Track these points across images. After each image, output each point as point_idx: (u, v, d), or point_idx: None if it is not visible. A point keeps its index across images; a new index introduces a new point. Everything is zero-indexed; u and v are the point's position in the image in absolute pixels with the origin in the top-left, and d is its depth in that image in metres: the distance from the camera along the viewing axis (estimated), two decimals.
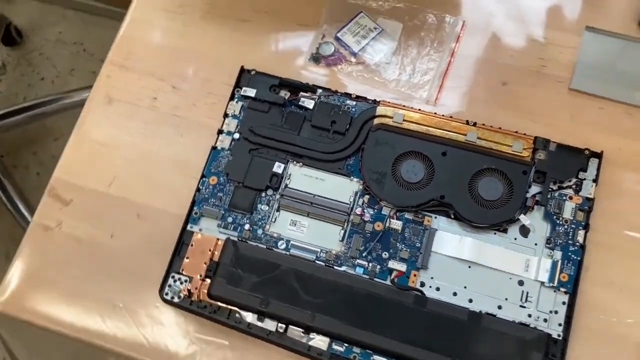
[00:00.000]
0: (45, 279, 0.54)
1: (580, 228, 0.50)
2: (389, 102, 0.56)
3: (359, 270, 0.51)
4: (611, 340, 0.48)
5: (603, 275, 0.50)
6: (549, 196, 0.51)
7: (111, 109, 0.60)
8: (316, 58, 0.59)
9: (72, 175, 0.58)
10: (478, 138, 0.53)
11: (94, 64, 0.59)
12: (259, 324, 0.50)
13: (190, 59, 0.60)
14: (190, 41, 0.61)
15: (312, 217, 0.53)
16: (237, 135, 0.56)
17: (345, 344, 0.49)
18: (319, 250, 0.52)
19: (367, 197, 0.53)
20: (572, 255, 0.50)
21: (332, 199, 0.53)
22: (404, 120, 0.55)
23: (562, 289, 0.49)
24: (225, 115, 0.57)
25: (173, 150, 0.58)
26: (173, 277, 0.52)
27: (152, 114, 0.59)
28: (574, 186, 0.52)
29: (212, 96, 0.59)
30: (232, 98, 0.57)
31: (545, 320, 0.48)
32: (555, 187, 0.52)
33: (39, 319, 0.53)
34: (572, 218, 0.51)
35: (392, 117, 0.55)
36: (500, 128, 0.54)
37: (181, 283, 0.52)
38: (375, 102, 0.56)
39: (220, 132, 0.56)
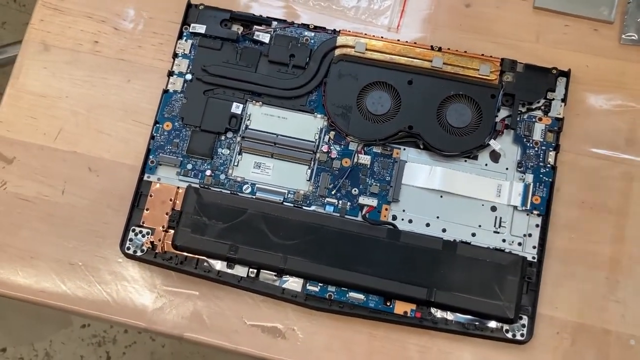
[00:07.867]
0: None
1: (551, 149, 0.50)
2: (349, 32, 0.53)
3: (329, 209, 0.49)
4: (583, 259, 0.49)
5: (573, 195, 0.50)
6: (518, 119, 0.50)
7: (49, 57, 0.55)
8: None
9: (12, 131, 0.53)
10: (444, 64, 0.51)
11: (27, 16, 0.54)
12: (229, 271, 0.48)
13: None
14: None
15: (277, 158, 0.51)
16: (189, 77, 0.52)
17: (320, 284, 0.48)
18: (286, 191, 0.50)
19: (332, 133, 0.51)
20: (544, 177, 0.49)
21: (297, 138, 0.51)
22: (366, 49, 0.52)
23: (535, 212, 0.48)
24: (175, 56, 0.53)
25: (121, 97, 0.54)
26: (134, 230, 0.49)
27: (95, 60, 0.55)
28: (542, 107, 0.51)
29: (158, 36, 0.55)
30: (180, 37, 0.53)
31: (519, 244, 0.48)
32: (524, 110, 0.50)
33: None
34: (542, 140, 0.50)
35: (354, 47, 0.52)
36: (465, 52, 0.51)
37: (143, 236, 0.49)
38: (336, 32, 0.53)
39: (170, 74, 0.52)
